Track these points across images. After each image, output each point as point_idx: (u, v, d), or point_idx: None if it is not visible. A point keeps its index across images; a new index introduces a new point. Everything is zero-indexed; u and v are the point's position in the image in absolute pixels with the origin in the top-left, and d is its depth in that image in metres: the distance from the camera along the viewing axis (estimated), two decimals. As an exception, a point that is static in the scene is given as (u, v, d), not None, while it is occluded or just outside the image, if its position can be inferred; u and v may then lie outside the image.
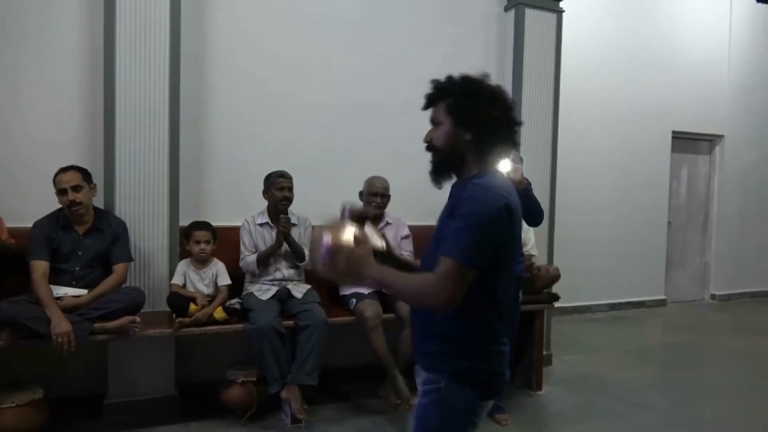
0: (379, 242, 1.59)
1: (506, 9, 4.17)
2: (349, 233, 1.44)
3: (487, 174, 1.48)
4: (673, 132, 6.43)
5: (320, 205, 3.61)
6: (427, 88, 1.55)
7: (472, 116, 1.47)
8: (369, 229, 1.57)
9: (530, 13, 4.07)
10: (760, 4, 7.03)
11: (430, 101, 1.55)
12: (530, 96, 4.07)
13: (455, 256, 1.34)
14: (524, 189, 3.02)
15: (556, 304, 3.84)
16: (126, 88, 3.08)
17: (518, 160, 3.06)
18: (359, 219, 1.52)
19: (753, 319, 6.14)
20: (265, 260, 3.26)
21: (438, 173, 1.56)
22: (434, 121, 1.54)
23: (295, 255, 3.32)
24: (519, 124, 1.53)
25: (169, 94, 3.17)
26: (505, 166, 2.97)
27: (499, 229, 1.37)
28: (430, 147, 1.55)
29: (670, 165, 6.49)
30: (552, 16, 4.16)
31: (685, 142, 6.66)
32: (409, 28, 3.98)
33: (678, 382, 4.05)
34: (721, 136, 6.81)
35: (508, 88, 4.13)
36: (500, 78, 4.19)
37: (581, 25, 5.60)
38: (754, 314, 6.35)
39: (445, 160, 1.53)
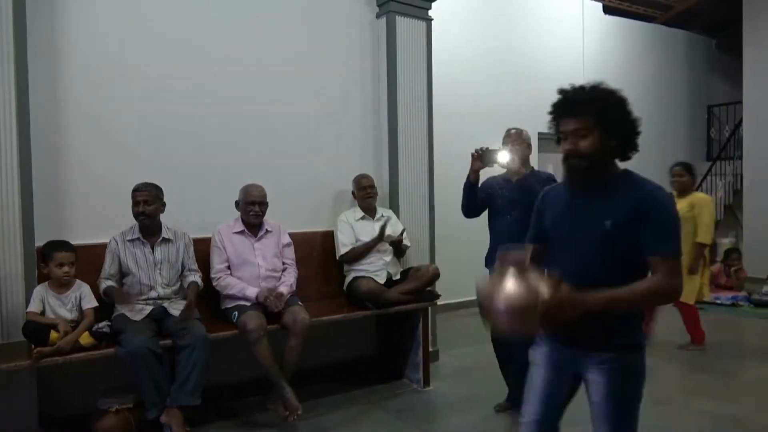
0: (545, 289, 1.51)
1: (378, 16, 4.27)
2: (518, 285, 1.48)
3: (632, 174, 1.70)
4: (539, 133, 6.92)
5: (196, 216, 3.53)
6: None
7: (620, 125, 1.64)
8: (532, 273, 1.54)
9: (401, 21, 4.18)
10: (607, 16, 7.80)
11: (572, 112, 1.64)
12: (405, 101, 4.19)
13: (678, 252, 1.60)
14: (521, 180, 3.04)
15: (443, 301, 3.98)
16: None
17: (518, 149, 3.14)
18: (521, 265, 1.53)
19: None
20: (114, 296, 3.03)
21: (586, 178, 1.67)
22: (578, 131, 1.63)
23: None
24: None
25: (15, 96, 2.87)
26: (503, 157, 3.08)
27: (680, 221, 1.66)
28: (577, 155, 1.64)
29: (537, 163, 6.98)
30: (422, 24, 4.31)
31: (549, 142, 7.17)
32: (282, 36, 3.93)
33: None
34: (580, 136, 7.43)
35: (383, 93, 4.23)
36: (376, 84, 4.27)
37: (453, 39, 5.94)
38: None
39: (593, 167, 1.64)
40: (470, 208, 3.34)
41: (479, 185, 3.28)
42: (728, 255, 6.58)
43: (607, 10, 7.88)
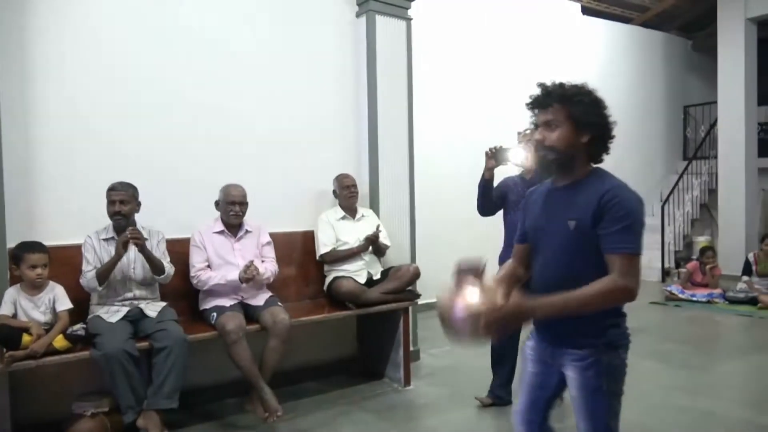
0: (499, 296, 1.57)
1: (358, 15, 4.25)
2: (475, 294, 1.54)
3: (603, 173, 1.70)
4: (518, 133, 6.97)
5: (175, 216, 3.48)
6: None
7: (592, 122, 1.66)
8: (487, 281, 1.61)
9: (381, 20, 4.17)
10: (585, 17, 7.88)
11: (545, 104, 1.68)
12: (385, 100, 4.17)
13: (635, 250, 1.57)
14: (534, 178, 3.10)
15: (424, 300, 3.97)
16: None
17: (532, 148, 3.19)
18: (477, 273, 1.59)
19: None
20: (106, 275, 2.97)
21: (550, 171, 1.72)
22: (550, 123, 1.67)
23: (153, 269, 3.10)
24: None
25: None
26: (517, 156, 3.11)
27: (644, 218, 1.62)
28: (545, 147, 1.68)
29: (517, 163, 7.03)
30: (402, 23, 4.30)
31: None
32: (261, 36, 3.89)
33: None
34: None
35: (363, 92, 4.22)
36: (356, 83, 4.26)
37: (434, 41, 5.99)
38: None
39: (560, 160, 1.67)
40: (485, 207, 3.36)
41: (495, 184, 3.31)
42: (703, 253, 6.69)
43: (585, 11, 7.96)
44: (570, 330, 1.67)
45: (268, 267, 3.45)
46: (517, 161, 3.18)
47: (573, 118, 1.65)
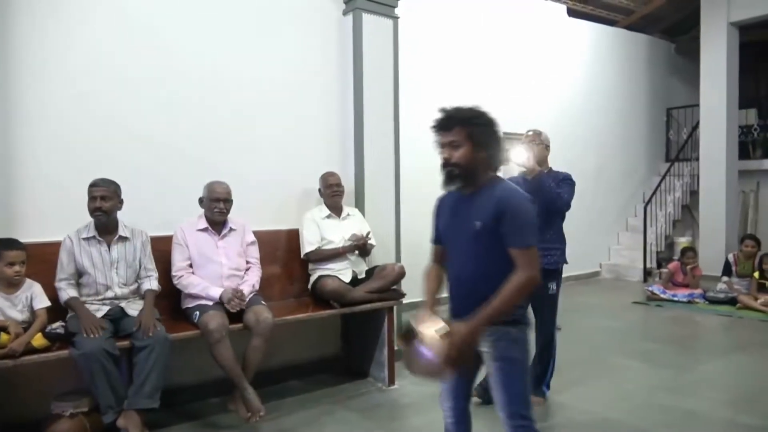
0: (440, 325, 1.87)
1: (344, 13, 4.23)
2: (433, 338, 1.83)
3: (500, 181, 2.00)
4: (504, 133, 6.99)
5: (157, 214, 3.43)
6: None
7: (487, 140, 1.94)
8: (426, 325, 1.89)
9: (367, 18, 4.16)
10: (571, 19, 7.93)
11: (448, 127, 1.94)
12: (371, 98, 4.16)
13: (530, 243, 1.88)
14: (536, 178, 3.20)
15: (410, 299, 3.96)
16: None
17: (542, 148, 3.35)
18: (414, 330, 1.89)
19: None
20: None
21: (454, 182, 1.99)
22: (453, 143, 1.94)
23: None
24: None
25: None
26: (519, 156, 3.22)
27: (533, 215, 1.93)
28: (451, 164, 1.95)
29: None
30: (388, 22, 4.29)
31: (509, 141, 7.27)
32: (247, 32, 3.86)
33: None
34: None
35: (349, 90, 4.20)
36: (342, 81, 4.23)
37: (421, 41, 5.97)
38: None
39: (465, 173, 1.95)
40: None
41: None
42: (684, 253, 6.76)
43: (571, 13, 8.02)
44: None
45: (251, 280, 3.42)
46: (519, 161, 3.21)
47: (472, 138, 1.92)
